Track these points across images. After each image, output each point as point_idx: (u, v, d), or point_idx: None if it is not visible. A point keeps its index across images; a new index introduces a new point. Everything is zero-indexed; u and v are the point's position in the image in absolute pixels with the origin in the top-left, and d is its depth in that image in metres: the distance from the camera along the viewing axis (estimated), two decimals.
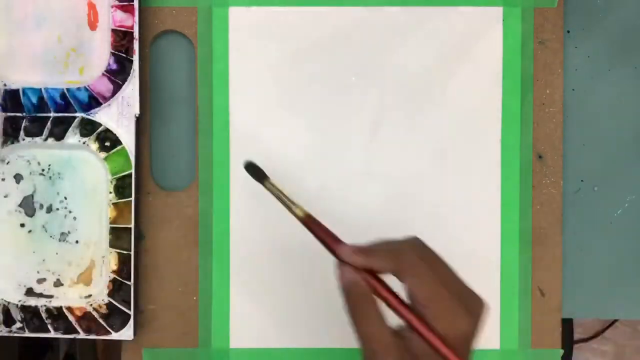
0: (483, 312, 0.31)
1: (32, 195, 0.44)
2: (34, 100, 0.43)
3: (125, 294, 0.43)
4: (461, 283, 0.31)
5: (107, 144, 0.43)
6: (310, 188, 0.45)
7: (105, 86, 0.43)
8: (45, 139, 0.44)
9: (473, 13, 0.45)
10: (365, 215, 0.45)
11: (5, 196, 0.44)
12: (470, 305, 0.30)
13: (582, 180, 0.46)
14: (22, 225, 0.44)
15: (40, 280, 0.44)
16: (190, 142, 0.46)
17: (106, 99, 0.43)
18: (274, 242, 0.45)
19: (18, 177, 0.44)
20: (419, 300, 0.30)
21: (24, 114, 0.44)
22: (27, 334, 0.43)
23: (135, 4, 0.43)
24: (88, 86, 0.43)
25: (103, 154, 0.43)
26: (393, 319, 0.31)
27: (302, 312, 0.45)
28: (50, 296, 0.44)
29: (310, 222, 0.34)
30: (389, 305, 0.31)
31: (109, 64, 0.43)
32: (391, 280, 0.31)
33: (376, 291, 0.31)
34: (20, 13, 0.44)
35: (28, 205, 0.44)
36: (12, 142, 0.44)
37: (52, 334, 0.43)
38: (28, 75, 0.44)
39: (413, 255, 0.30)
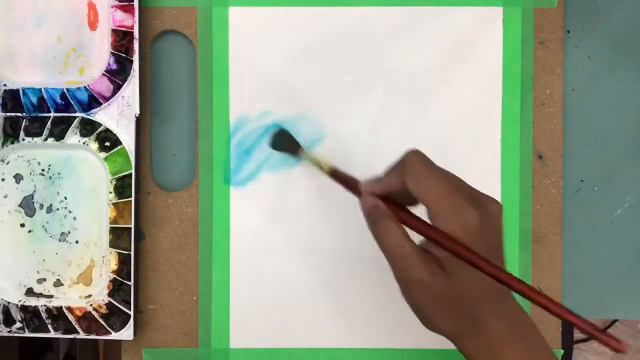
0: (495, 208, 0.31)
1: (32, 195, 0.44)
2: (34, 100, 0.43)
3: (125, 294, 0.43)
4: (465, 184, 0.32)
5: (107, 144, 0.43)
6: (311, 187, 0.45)
7: (105, 86, 0.43)
8: (45, 139, 0.44)
9: (473, 13, 0.45)
10: None
11: (5, 196, 0.44)
12: (477, 201, 0.31)
13: (582, 180, 0.46)
14: (22, 225, 0.44)
15: (40, 280, 0.44)
16: (190, 142, 0.46)
17: (106, 99, 0.43)
18: (274, 242, 0.45)
19: (18, 177, 0.44)
20: (422, 201, 0.31)
21: (24, 114, 0.44)
22: (27, 334, 0.43)
23: (135, 4, 0.43)
24: (88, 86, 0.43)
25: (103, 154, 0.43)
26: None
27: (302, 312, 0.45)
28: (50, 296, 0.44)
29: (335, 175, 0.38)
30: (406, 223, 0.32)
31: (109, 64, 0.43)
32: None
33: (395, 214, 0.32)
34: (20, 13, 0.44)
35: (28, 205, 0.44)
36: (12, 142, 0.44)
37: (52, 334, 0.43)
38: (28, 75, 0.44)
39: (411, 157, 0.32)
